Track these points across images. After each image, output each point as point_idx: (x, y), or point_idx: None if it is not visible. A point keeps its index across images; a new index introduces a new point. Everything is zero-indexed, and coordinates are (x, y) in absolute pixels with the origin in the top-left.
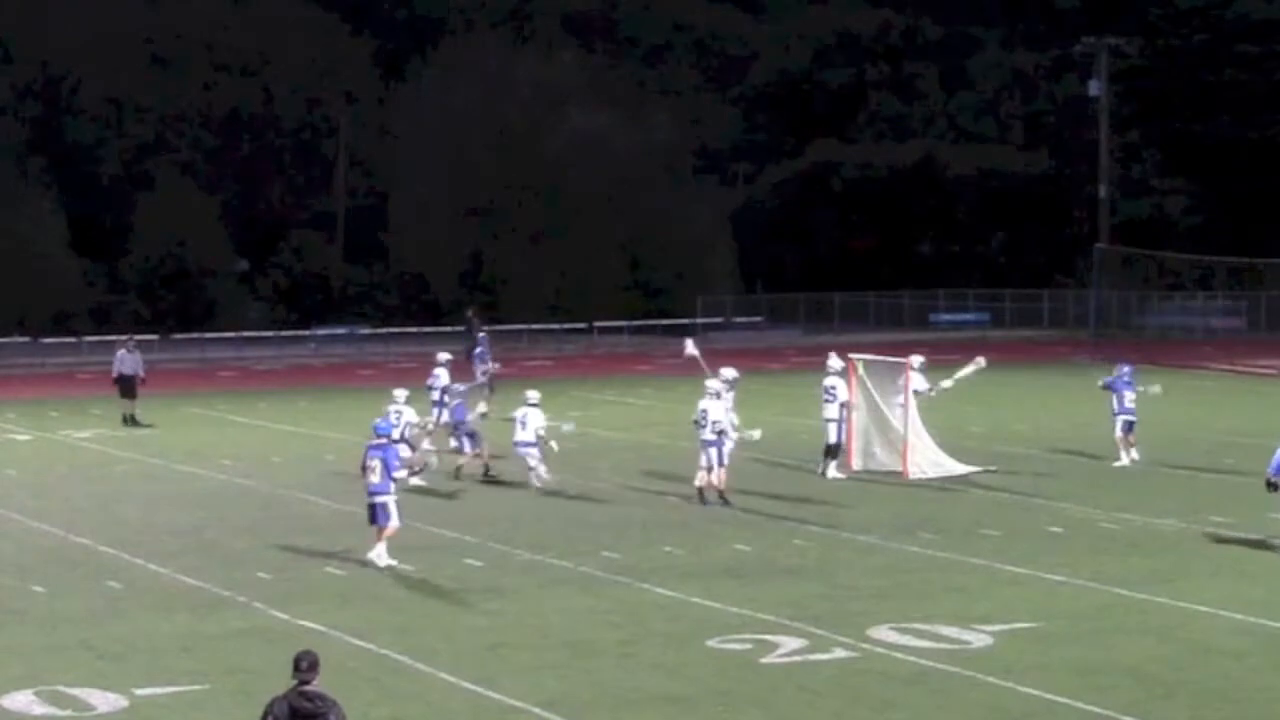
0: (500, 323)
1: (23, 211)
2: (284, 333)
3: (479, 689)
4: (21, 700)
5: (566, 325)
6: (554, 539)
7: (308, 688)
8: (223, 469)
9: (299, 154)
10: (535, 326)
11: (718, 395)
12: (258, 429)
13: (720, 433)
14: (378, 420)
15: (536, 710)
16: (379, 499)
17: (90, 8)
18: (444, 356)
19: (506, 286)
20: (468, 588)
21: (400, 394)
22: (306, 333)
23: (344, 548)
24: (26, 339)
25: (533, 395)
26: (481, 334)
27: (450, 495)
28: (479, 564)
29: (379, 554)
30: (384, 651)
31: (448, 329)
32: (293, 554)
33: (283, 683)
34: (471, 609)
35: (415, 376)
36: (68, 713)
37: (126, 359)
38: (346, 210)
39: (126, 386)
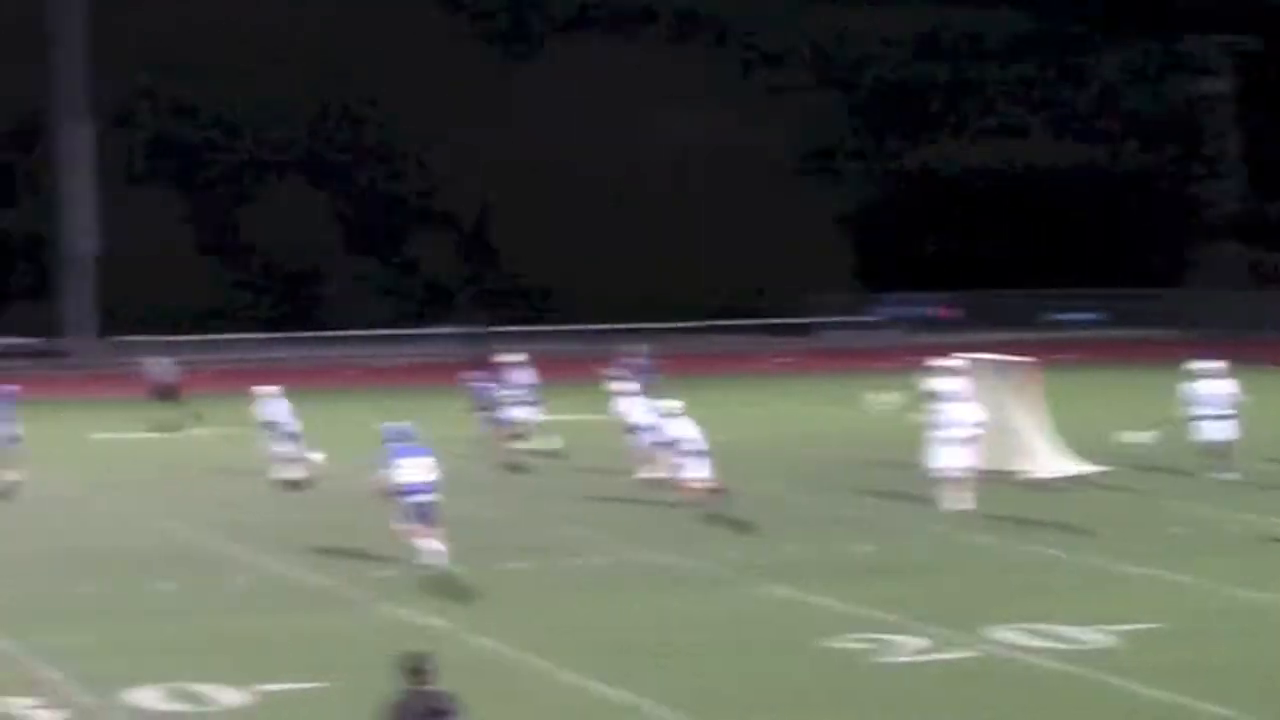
0: (608, 322)
1: (152, 211)
2: (401, 331)
3: (599, 686)
4: (147, 695)
5: (676, 325)
6: (673, 538)
7: (433, 688)
8: (345, 467)
9: (415, 154)
10: (645, 326)
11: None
12: (376, 427)
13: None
14: (390, 424)
15: (655, 708)
16: (432, 496)
17: (213, 6)
18: (519, 358)
19: (615, 286)
20: (585, 586)
21: (270, 389)
22: (423, 331)
23: (467, 546)
24: (152, 338)
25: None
26: (645, 347)
27: (566, 494)
28: (596, 562)
29: (441, 551)
30: (506, 649)
31: (558, 328)
32: (410, 553)
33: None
34: (589, 607)
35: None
36: (193, 708)
37: (163, 366)
38: (461, 210)
39: (165, 393)
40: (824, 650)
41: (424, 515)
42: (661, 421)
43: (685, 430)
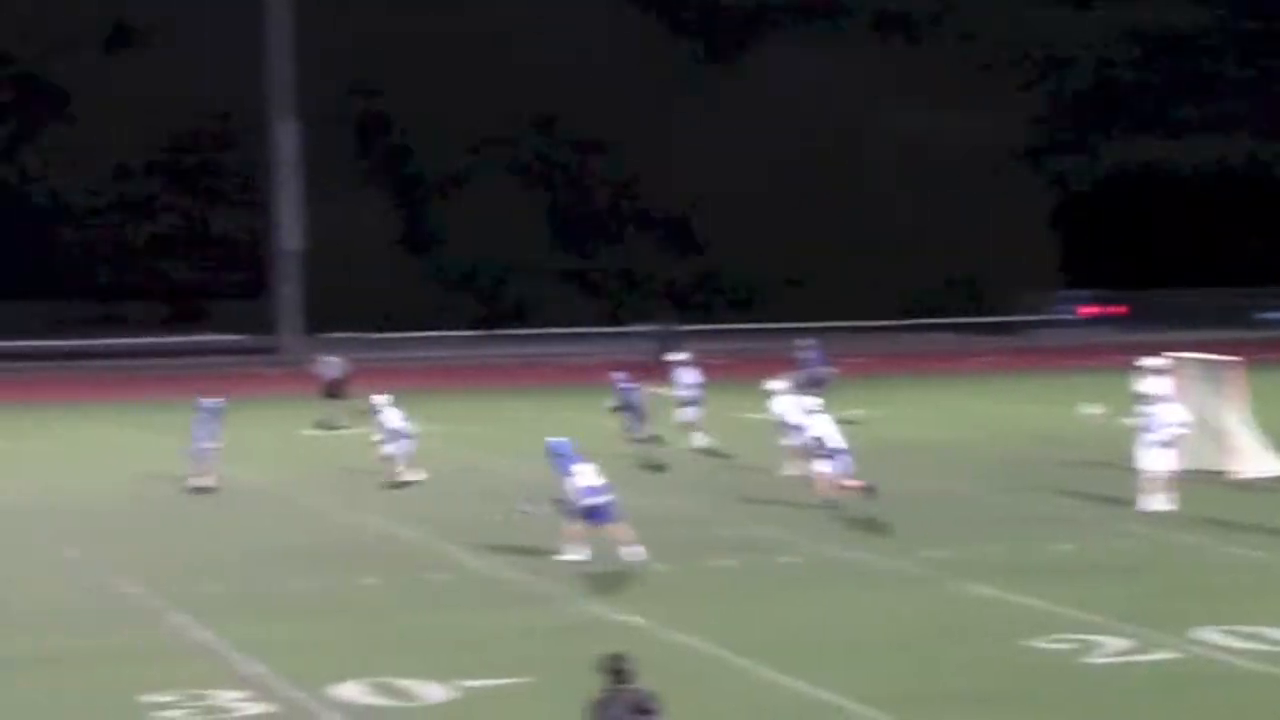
0: (817, 320)
1: (356, 209)
2: (605, 329)
3: (798, 684)
4: (352, 690)
5: (884, 323)
6: (873, 536)
7: (635, 687)
8: (542, 463)
9: (619, 152)
10: (852, 324)
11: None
12: (579, 423)
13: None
14: (553, 439)
15: (855, 706)
16: (611, 496)
17: (417, 9)
18: (683, 356)
19: (822, 284)
20: (787, 583)
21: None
22: (628, 329)
23: (668, 543)
24: (357, 335)
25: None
26: (812, 339)
27: (768, 496)
28: (798, 560)
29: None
30: (704, 646)
31: (762, 325)
32: (613, 548)
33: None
34: (790, 604)
35: (725, 372)
36: (397, 703)
37: (332, 364)
38: (666, 207)
39: (334, 389)
40: (1026, 650)
41: (607, 515)
42: (806, 419)
43: (824, 428)
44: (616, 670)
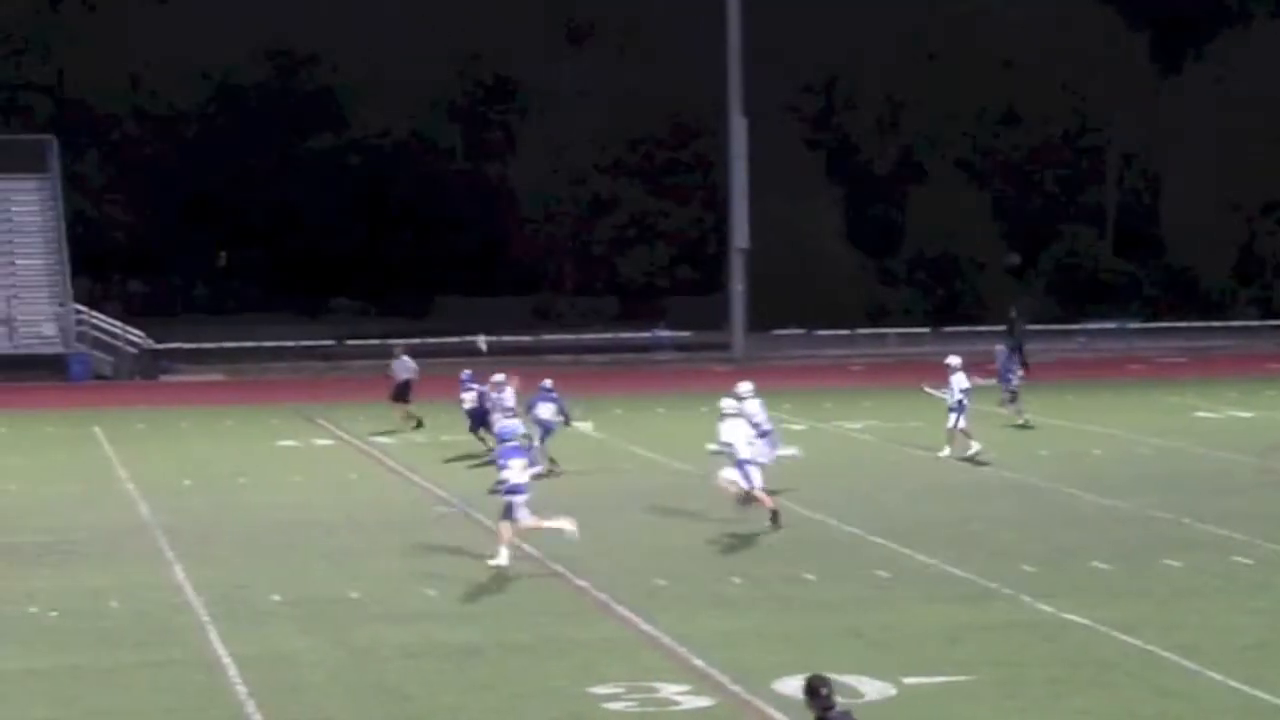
0: (1278, 316)
1: (804, 205)
2: (1053, 326)
3: (1245, 688)
4: (793, 686)
5: None
6: None
7: (841, 710)
8: (988, 461)
9: (1072, 148)
10: None
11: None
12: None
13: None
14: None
15: None
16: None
17: (868, 7)
18: (956, 360)
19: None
20: (1236, 585)
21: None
22: (1076, 327)
23: (1114, 541)
24: (802, 331)
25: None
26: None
27: (1203, 493)
28: (1248, 561)
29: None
30: (1150, 648)
31: (1219, 323)
32: (1058, 548)
33: (1048, 675)
34: (1240, 607)
35: (1183, 371)
36: (839, 700)
37: (408, 366)
38: (1118, 204)
39: (401, 392)
40: None
41: (515, 514)
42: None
43: (735, 435)
44: (814, 693)
